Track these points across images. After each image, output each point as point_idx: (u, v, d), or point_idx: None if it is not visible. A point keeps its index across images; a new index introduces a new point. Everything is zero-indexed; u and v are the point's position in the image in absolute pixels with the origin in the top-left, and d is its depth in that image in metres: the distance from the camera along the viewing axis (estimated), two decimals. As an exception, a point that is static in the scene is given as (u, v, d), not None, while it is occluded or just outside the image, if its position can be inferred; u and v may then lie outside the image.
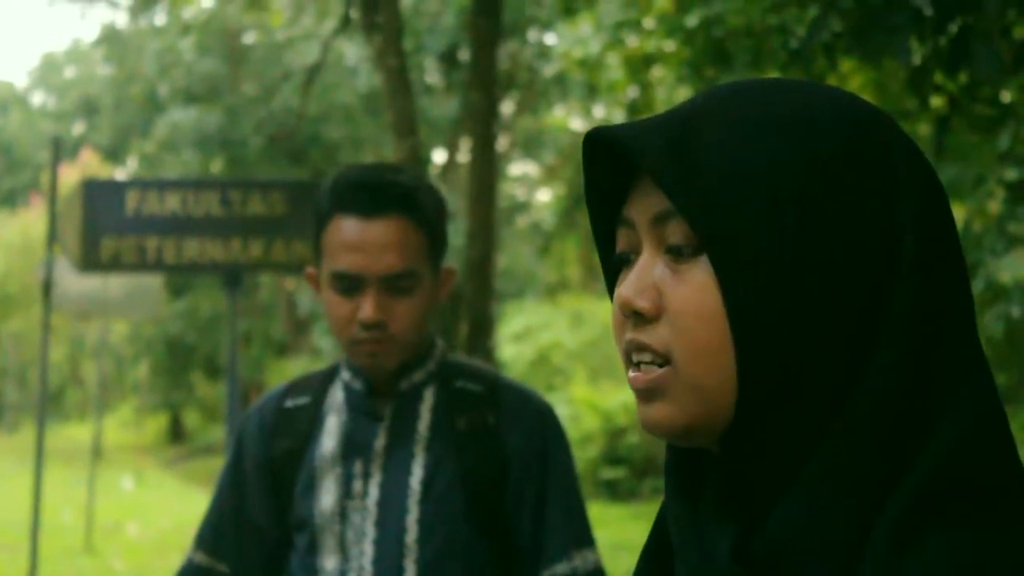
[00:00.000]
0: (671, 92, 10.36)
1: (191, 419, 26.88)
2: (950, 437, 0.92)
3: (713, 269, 0.95)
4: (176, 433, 26.99)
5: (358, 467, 2.24)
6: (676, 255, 0.97)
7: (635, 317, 0.98)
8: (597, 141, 1.02)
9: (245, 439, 2.35)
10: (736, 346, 0.94)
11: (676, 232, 0.97)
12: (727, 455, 0.98)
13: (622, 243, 1.03)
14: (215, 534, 2.35)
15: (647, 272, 0.99)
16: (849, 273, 0.94)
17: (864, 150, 0.96)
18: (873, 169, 0.96)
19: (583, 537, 2.26)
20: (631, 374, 1.00)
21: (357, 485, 2.23)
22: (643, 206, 1.00)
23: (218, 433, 21.72)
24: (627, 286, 0.99)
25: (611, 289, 1.05)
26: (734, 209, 0.94)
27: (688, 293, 0.96)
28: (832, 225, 0.94)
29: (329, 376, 2.36)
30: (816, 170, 0.95)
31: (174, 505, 15.20)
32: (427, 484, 2.21)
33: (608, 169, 1.03)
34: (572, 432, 12.27)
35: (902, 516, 0.90)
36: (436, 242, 2.23)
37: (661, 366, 0.98)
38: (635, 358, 0.99)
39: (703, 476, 1.02)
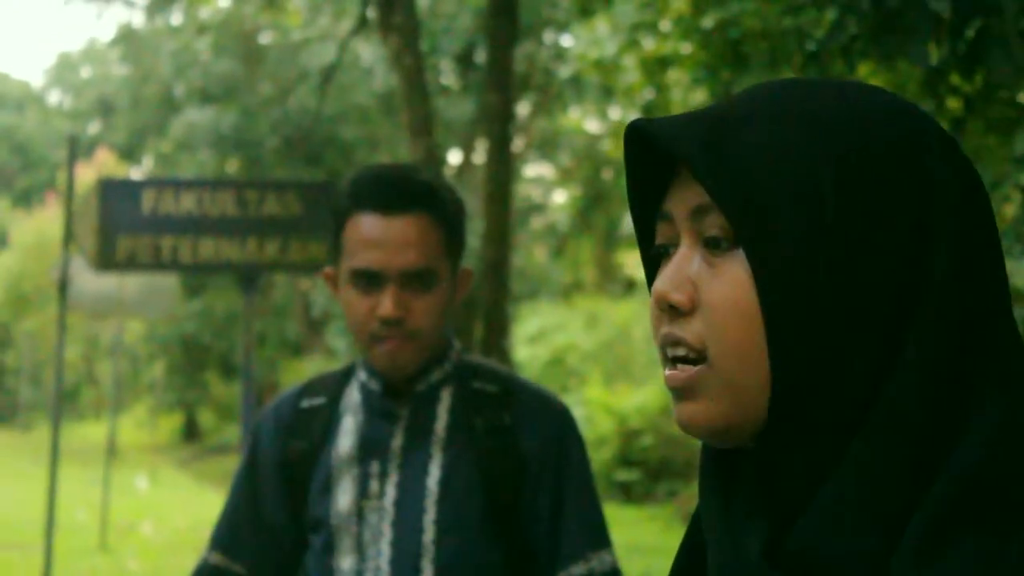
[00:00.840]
0: (687, 94, 10.33)
1: (206, 418, 26.90)
2: (980, 440, 0.91)
3: (748, 263, 0.95)
4: (191, 432, 26.99)
5: (375, 467, 2.24)
6: (713, 248, 0.97)
7: (671, 311, 0.99)
8: (638, 134, 1.02)
9: (260, 439, 2.35)
10: (768, 341, 0.94)
11: (713, 225, 0.97)
12: (759, 453, 0.98)
13: (661, 236, 1.03)
14: (231, 534, 2.35)
15: (684, 266, 0.99)
16: (883, 270, 0.94)
17: (901, 147, 0.96)
18: (909, 166, 0.96)
19: (600, 538, 2.26)
20: (667, 372, 1.00)
21: (374, 485, 2.23)
22: (682, 199, 1.00)
23: (233, 433, 21.74)
24: (663, 280, 0.99)
25: (650, 282, 1.04)
26: (770, 203, 0.94)
27: (723, 287, 0.96)
28: (867, 221, 0.94)
29: (345, 376, 2.36)
30: (852, 167, 0.95)
31: (189, 504, 15.22)
32: (444, 484, 2.21)
33: (649, 162, 1.04)
34: (586, 434, 12.24)
35: (930, 522, 0.89)
36: (455, 240, 2.23)
37: (696, 362, 0.97)
38: (670, 352, 0.99)
39: (736, 474, 1.02)
